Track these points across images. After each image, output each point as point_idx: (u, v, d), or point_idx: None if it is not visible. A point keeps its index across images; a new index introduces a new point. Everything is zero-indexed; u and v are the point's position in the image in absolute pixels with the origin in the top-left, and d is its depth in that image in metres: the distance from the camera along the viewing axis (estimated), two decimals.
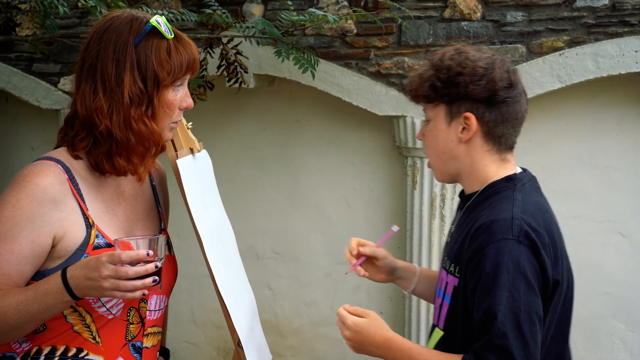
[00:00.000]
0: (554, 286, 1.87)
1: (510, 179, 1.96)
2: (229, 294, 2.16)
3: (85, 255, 1.85)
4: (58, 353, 1.90)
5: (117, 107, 1.87)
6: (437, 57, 1.98)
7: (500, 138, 1.95)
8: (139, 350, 2.00)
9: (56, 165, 1.88)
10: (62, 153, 1.93)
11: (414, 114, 3.66)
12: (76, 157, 1.93)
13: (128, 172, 1.95)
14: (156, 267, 1.77)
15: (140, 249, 1.77)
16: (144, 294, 1.77)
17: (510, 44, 3.49)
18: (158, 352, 2.14)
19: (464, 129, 1.95)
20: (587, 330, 3.63)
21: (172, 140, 2.15)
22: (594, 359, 3.63)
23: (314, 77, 3.54)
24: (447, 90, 1.94)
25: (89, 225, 1.89)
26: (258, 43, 3.56)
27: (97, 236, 1.89)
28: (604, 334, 3.60)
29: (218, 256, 2.22)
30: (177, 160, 2.13)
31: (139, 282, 1.75)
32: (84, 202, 1.90)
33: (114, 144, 1.90)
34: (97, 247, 1.87)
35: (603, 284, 3.60)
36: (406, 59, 3.69)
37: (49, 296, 1.78)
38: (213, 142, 3.96)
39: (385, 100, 3.73)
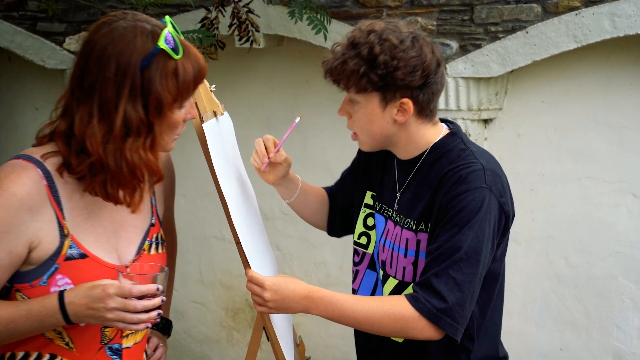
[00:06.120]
0: (512, 218, 2.12)
1: (452, 134, 2.14)
2: (253, 257, 2.16)
3: (55, 265, 1.79)
4: (31, 359, 1.86)
5: (112, 136, 1.73)
6: (365, 48, 2.03)
7: (432, 111, 2.12)
8: (117, 352, 1.93)
9: (34, 170, 1.77)
10: (45, 151, 1.80)
11: None
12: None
13: (123, 203, 1.82)
14: (162, 301, 1.75)
15: (150, 284, 1.73)
16: (147, 327, 1.75)
17: (525, 3, 3.45)
18: (146, 344, 2.07)
19: (398, 111, 2.07)
20: (597, 289, 3.66)
21: (196, 104, 2.12)
22: (604, 317, 3.67)
23: (326, 38, 3.50)
24: (384, 82, 2.03)
25: (63, 234, 1.80)
26: (270, 2, 3.51)
27: (70, 246, 1.81)
28: (614, 293, 3.63)
29: (242, 220, 2.22)
30: (202, 125, 2.11)
31: (144, 316, 1.73)
32: (61, 210, 1.80)
33: (109, 174, 1.76)
34: (69, 258, 1.80)
35: (614, 244, 3.62)
36: (419, 19, 3.65)
37: (42, 318, 1.76)
38: (221, 102, 3.92)
39: None
